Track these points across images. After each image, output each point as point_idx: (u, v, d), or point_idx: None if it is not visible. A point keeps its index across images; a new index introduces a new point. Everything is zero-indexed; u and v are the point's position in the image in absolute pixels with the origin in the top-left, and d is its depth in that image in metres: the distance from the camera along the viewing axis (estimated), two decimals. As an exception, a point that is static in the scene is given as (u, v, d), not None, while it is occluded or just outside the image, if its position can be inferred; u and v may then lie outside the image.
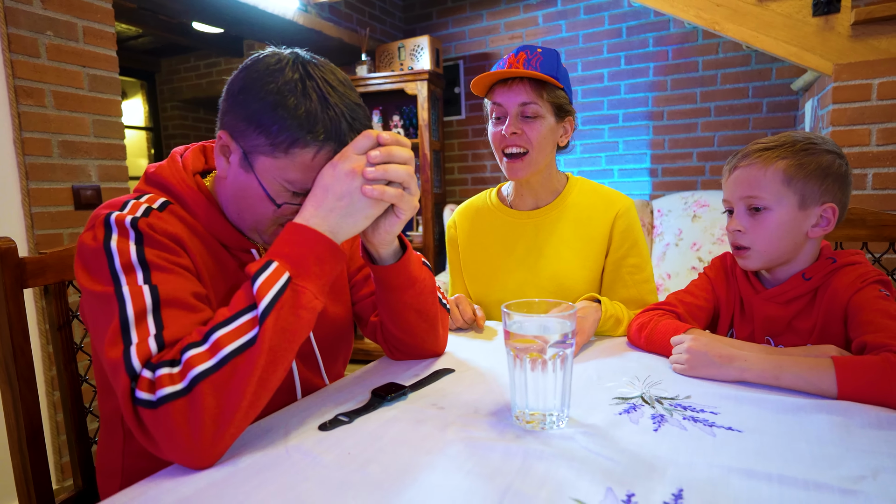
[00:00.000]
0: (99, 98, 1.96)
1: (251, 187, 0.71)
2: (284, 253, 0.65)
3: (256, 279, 0.62)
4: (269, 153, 0.68)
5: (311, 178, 0.69)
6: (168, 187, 0.76)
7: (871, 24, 1.87)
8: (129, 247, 0.65)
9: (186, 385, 0.56)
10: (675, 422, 0.64)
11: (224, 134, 0.72)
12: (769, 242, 0.86)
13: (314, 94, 0.67)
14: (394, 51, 3.35)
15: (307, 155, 0.68)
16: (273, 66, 0.68)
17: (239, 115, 0.69)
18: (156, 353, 0.60)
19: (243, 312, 0.61)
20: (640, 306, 1.12)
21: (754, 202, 0.87)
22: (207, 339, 0.59)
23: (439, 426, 0.65)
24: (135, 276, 0.64)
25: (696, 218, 2.76)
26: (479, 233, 1.27)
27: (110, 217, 0.67)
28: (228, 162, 0.73)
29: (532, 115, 1.11)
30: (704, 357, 0.77)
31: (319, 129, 0.67)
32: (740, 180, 0.89)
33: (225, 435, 0.57)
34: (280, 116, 0.66)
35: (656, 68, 3.04)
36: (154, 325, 0.61)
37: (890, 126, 1.86)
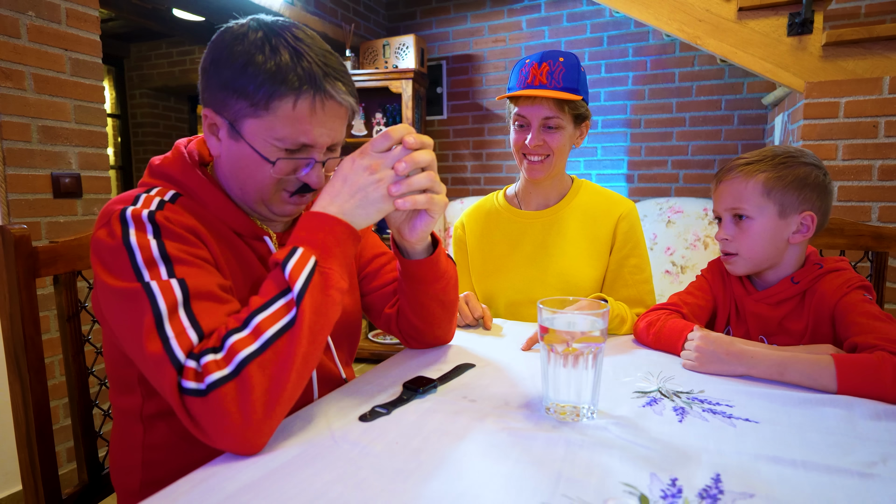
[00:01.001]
0: (81, 83, 1.90)
1: (245, 155, 0.72)
2: (307, 239, 0.67)
3: (286, 265, 0.64)
4: (252, 114, 0.69)
5: (298, 130, 0.70)
6: (176, 179, 0.76)
7: (840, 47, 1.99)
8: (149, 241, 0.65)
9: (234, 369, 0.57)
10: (696, 414, 0.69)
11: (208, 111, 0.73)
12: (753, 249, 0.93)
13: (282, 48, 0.68)
14: (378, 48, 3.35)
15: (287, 105, 0.68)
16: (237, 31, 0.70)
17: (215, 87, 0.70)
18: (197, 343, 0.60)
19: (278, 297, 0.63)
20: (640, 305, 1.18)
21: (738, 212, 0.95)
22: (248, 324, 0.61)
23: (476, 417, 0.68)
24: (159, 271, 0.63)
25: (670, 223, 2.87)
26: (487, 233, 1.31)
27: (126, 212, 0.67)
28: (219, 138, 0.74)
29: (554, 126, 1.17)
30: (714, 354, 0.82)
31: (293, 78, 0.67)
32: (725, 193, 0.96)
33: (273, 416, 0.59)
34: (253, 74, 0.67)
35: (635, 78, 3.14)
36: (188, 318, 0.61)
37: (855, 142, 1.99)
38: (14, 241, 0.82)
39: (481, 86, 3.54)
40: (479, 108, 3.55)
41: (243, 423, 0.56)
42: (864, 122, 1.98)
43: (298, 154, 0.73)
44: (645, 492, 0.51)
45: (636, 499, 0.50)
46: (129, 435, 0.78)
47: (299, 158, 0.73)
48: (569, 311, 0.69)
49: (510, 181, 3.52)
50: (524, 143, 1.18)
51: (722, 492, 0.51)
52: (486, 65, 3.50)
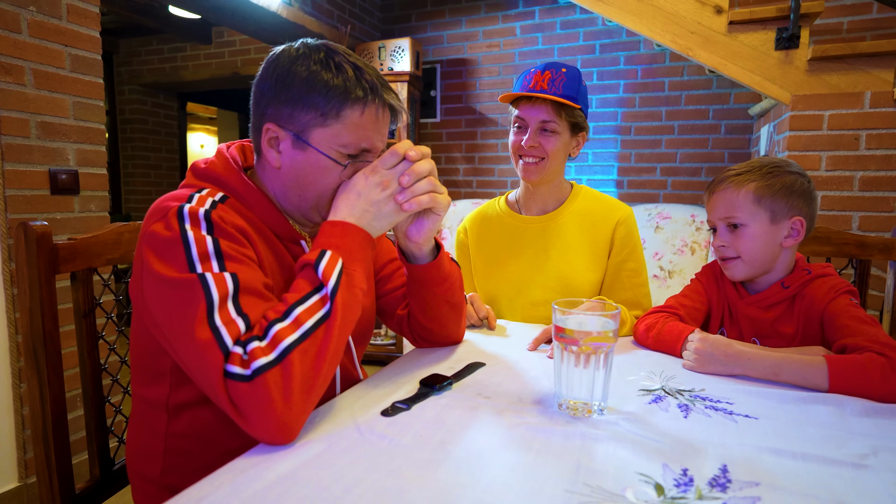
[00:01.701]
0: (80, 79, 1.89)
1: (311, 163, 0.78)
2: (333, 244, 0.73)
3: (319, 265, 0.70)
4: (321, 123, 0.76)
5: (361, 136, 0.78)
6: (223, 181, 0.80)
7: (824, 62, 2.07)
8: (205, 237, 0.69)
9: (278, 355, 0.61)
10: (699, 410, 0.73)
11: (272, 125, 0.78)
12: (751, 251, 0.98)
13: (345, 65, 0.77)
14: (374, 50, 3.37)
15: (356, 113, 0.76)
16: (297, 54, 0.77)
17: (282, 103, 0.77)
18: (244, 332, 0.64)
19: (314, 293, 0.68)
20: (637, 307, 1.22)
21: (732, 220, 1.00)
22: (289, 315, 0.65)
23: (493, 413, 0.71)
24: (211, 265, 0.67)
25: (658, 229, 2.93)
26: (489, 237, 1.35)
27: (183, 209, 0.71)
28: (279, 151, 0.80)
29: (550, 130, 1.22)
30: (712, 356, 0.87)
31: (360, 90, 0.76)
32: (718, 203, 1.02)
33: (308, 403, 0.63)
34: (322, 89, 0.75)
35: (626, 86, 3.21)
36: (236, 309, 0.65)
37: (837, 154, 2.07)
38: (36, 238, 0.83)
39: (475, 90, 3.58)
40: (473, 112, 3.59)
41: (284, 409, 0.60)
42: (846, 135, 2.06)
43: (357, 159, 0.80)
44: (659, 481, 0.55)
45: (652, 487, 0.53)
46: (153, 423, 0.81)
47: (361, 162, 0.80)
48: (582, 312, 0.73)
49: (502, 185, 3.57)
50: (520, 143, 1.23)
51: (730, 481, 0.55)
52: (480, 69, 3.55)
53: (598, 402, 0.72)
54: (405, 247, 0.90)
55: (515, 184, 3.51)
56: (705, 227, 2.84)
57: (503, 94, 1.22)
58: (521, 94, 1.22)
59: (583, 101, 1.22)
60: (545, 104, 1.20)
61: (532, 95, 1.20)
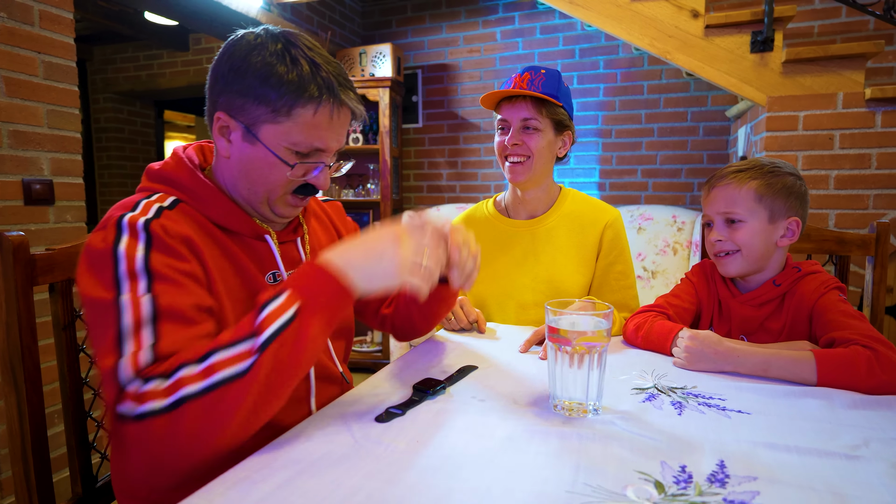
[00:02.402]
0: (54, 87, 1.85)
1: (259, 157, 0.75)
2: (301, 285, 0.65)
3: (265, 308, 0.62)
4: (272, 120, 0.73)
5: (314, 136, 0.74)
6: (177, 182, 0.77)
7: (798, 64, 2.12)
8: (137, 252, 0.65)
9: (171, 403, 0.56)
10: (692, 407, 0.73)
11: (222, 114, 0.75)
12: (750, 247, 0.99)
13: (301, 59, 0.72)
14: (355, 56, 3.36)
15: (308, 113, 0.72)
16: (255, 42, 0.73)
17: (234, 93, 0.73)
18: (148, 364, 0.59)
19: (244, 340, 0.60)
20: (625, 309, 1.23)
21: (731, 216, 1.00)
22: (203, 361, 0.59)
23: (489, 416, 0.70)
24: (136, 285, 0.63)
25: (640, 230, 2.97)
26: (478, 240, 1.34)
27: (123, 219, 0.68)
28: (230, 141, 0.77)
29: (533, 128, 1.22)
30: (703, 353, 0.87)
31: (314, 88, 0.72)
32: (718, 198, 1.02)
33: (191, 463, 0.58)
34: (276, 84, 0.71)
35: (606, 89, 3.25)
36: (149, 337, 0.61)
37: (812, 153, 2.12)
38: (13, 249, 0.80)
39: (456, 95, 3.59)
40: (455, 117, 3.60)
41: (163, 460, 0.56)
42: (821, 135, 2.11)
43: (310, 158, 0.77)
44: (658, 478, 0.55)
45: (652, 485, 0.53)
46: None
47: (311, 162, 0.77)
48: (575, 312, 0.73)
49: (485, 189, 3.58)
50: (504, 143, 1.23)
51: (728, 476, 0.55)
52: (461, 74, 3.56)
53: (593, 401, 0.72)
54: None
55: (499, 188, 3.52)
56: (687, 228, 2.88)
57: (483, 95, 1.23)
58: (502, 96, 1.22)
59: (564, 99, 1.23)
60: (525, 102, 1.21)
61: (512, 94, 1.21)
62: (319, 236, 0.97)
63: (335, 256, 0.67)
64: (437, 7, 3.56)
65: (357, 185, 3.57)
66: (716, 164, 3.03)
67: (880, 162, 2.05)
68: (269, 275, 0.83)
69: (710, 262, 1.11)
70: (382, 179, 3.29)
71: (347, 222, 1.05)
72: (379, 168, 3.35)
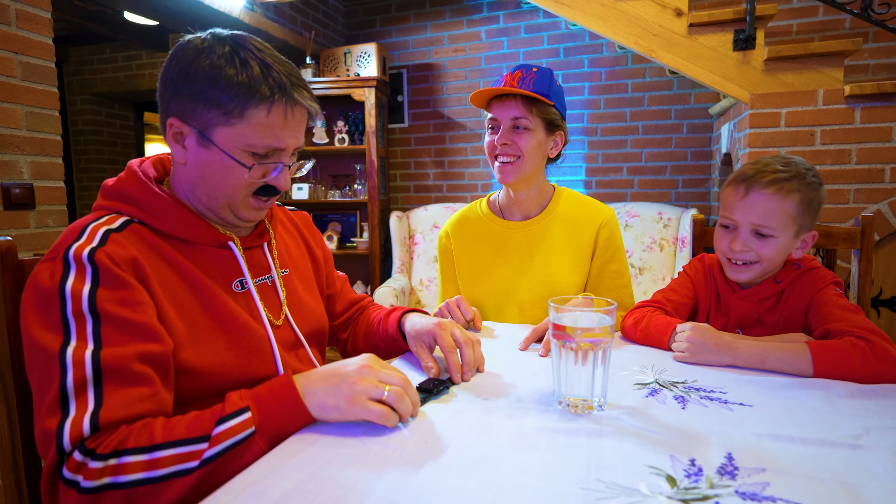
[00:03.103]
0: (33, 88, 1.80)
1: (215, 161, 0.74)
2: (264, 405, 0.64)
3: (223, 423, 0.61)
4: (225, 122, 0.72)
5: (270, 135, 0.74)
6: (130, 198, 0.76)
7: (779, 61, 2.16)
8: (83, 290, 0.64)
9: (113, 483, 0.56)
10: (695, 401, 0.74)
11: (174, 120, 0.74)
12: (771, 261, 0.98)
13: (251, 61, 0.72)
14: (339, 56, 3.34)
15: (261, 113, 0.72)
16: (202, 46, 0.73)
17: (184, 98, 0.73)
18: (89, 434, 0.58)
19: (195, 441, 0.60)
20: (620, 308, 1.24)
21: (763, 230, 0.96)
22: (150, 452, 0.58)
23: (495, 414, 0.70)
24: (83, 329, 0.63)
25: (627, 227, 3.00)
26: (472, 241, 1.34)
27: (69, 252, 0.67)
28: (184, 147, 0.76)
29: (523, 127, 1.21)
30: (703, 345, 0.88)
31: (265, 88, 0.72)
32: (756, 207, 0.95)
33: None
34: (225, 86, 0.71)
35: (591, 88, 3.28)
36: (93, 400, 0.60)
37: (795, 149, 2.16)
38: (1, 254, 0.78)
39: (442, 94, 3.59)
40: (440, 117, 3.60)
41: None
42: (802, 131, 2.16)
43: (268, 159, 0.76)
44: (670, 472, 0.55)
45: (664, 479, 0.54)
46: None
47: (270, 163, 0.77)
48: (579, 309, 0.73)
49: (472, 188, 3.58)
50: (494, 143, 1.22)
51: (737, 468, 0.55)
52: (447, 74, 3.56)
53: (598, 398, 0.72)
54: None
55: (486, 187, 3.53)
56: (672, 224, 2.92)
57: (473, 93, 1.21)
58: (492, 94, 1.21)
59: (556, 99, 1.22)
60: (515, 100, 1.19)
61: (502, 93, 1.19)
62: (287, 242, 0.96)
63: (301, 377, 0.67)
64: (422, 6, 3.56)
65: (344, 185, 3.55)
66: (700, 161, 3.07)
67: (860, 157, 2.10)
68: (235, 282, 0.82)
69: (709, 257, 1.12)
70: (369, 180, 3.28)
71: (315, 232, 1.05)
72: (366, 168, 3.33)
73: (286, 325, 0.87)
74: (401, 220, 3.35)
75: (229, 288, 0.80)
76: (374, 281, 3.31)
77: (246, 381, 0.73)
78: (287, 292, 0.90)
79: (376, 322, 1.04)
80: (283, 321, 0.86)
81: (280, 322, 0.86)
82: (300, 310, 0.91)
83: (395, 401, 0.66)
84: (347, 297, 1.12)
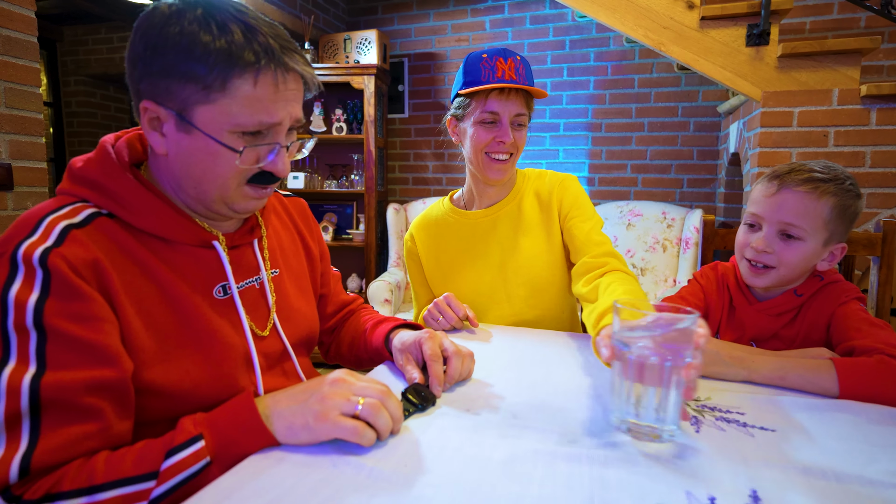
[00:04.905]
0: (12, 63, 1.71)
1: (200, 148, 0.64)
2: (221, 431, 0.56)
3: (173, 455, 0.53)
4: (205, 99, 0.62)
5: (260, 110, 0.63)
6: (100, 185, 0.65)
7: (794, 59, 2.08)
8: (30, 299, 0.55)
9: None
10: (710, 423, 0.66)
11: (148, 103, 0.64)
12: (792, 269, 0.90)
13: (231, 24, 0.62)
14: (339, 42, 3.24)
15: (246, 84, 0.62)
16: (170, 12, 0.62)
17: (156, 75, 0.62)
18: (16, 480, 0.50)
19: (141, 480, 0.52)
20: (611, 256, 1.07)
21: (791, 230, 0.88)
22: (90, 496, 0.50)
23: (486, 433, 0.62)
24: (25, 346, 0.54)
25: (630, 226, 2.92)
26: (438, 240, 1.26)
27: (18, 251, 0.57)
28: (163, 134, 0.65)
29: (522, 124, 1.14)
30: (715, 356, 0.80)
31: (249, 54, 0.61)
32: (787, 205, 0.88)
33: None
34: (201, 55, 0.60)
35: (596, 82, 3.19)
36: (27, 438, 0.51)
37: (807, 150, 2.08)
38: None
39: (444, 84, 3.49)
40: (442, 108, 3.51)
41: None
42: (815, 132, 2.07)
43: (261, 139, 0.66)
44: (686, 513, 0.47)
45: (679, 521, 0.46)
46: None
47: (263, 144, 0.66)
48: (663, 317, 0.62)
49: (472, 182, 3.50)
50: (493, 140, 1.11)
51: (764, 510, 0.48)
52: (449, 64, 3.47)
53: (671, 427, 0.61)
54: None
55: (486, 181, 3.44)
56: (677, 225, 2.84)
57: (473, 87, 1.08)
58: (494, 86, 1.09)
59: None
60: (519, 96, 1.10)
61: (506, 87, 1.08)
62: (280, 236, 0.86)
63: (266, 398, 0.59)
64: (425, -7, 3.46)
65: (341, 175, 3.46)
66: (706, 161, 2.99)
67: (874, 160, 2.02)
68: (217, 287, 0.72)
69: (723, 266, 1.04)
70: (367, 170, 3.19)
71: (312, 224, 0.95)
72: (363, 158, 3.25)
73: (273, 334, 0.78)
74: (398, 213, 3.27)
75: (210, 294, 0.70)
76: (369, 274, 3.23)
77: (221, 403, 0.63)
78: (277, 297, 0.80)
79: (363, 331, 0.96)
80: (269, 331, 0.77)
81: (266, 332, 0.76)
82: (290, 315, 0.82)
83: (370, 415, 0.57)
84: (339, 297, 1.03)
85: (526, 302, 1.18)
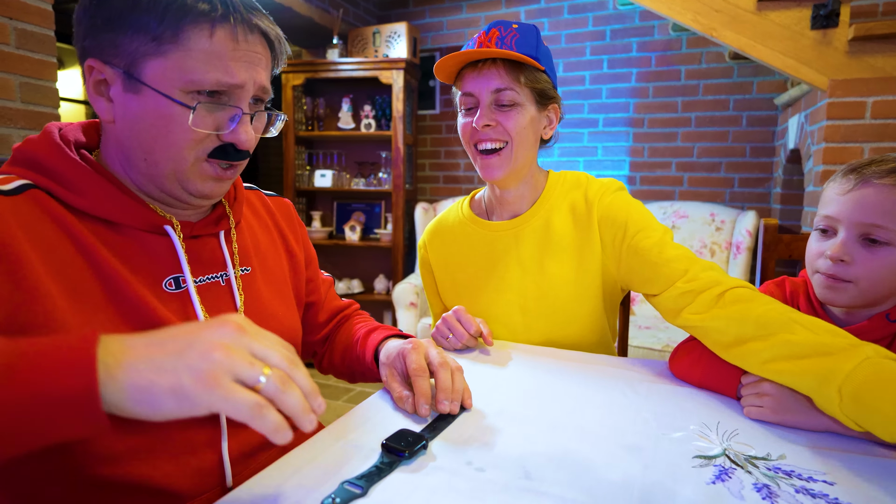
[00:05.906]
0: (28, 57, 1.67)
1: (150, 111, 0.57)
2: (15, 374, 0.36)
3: None
4: (156, 51, 0.56)
5: (217, 67, 0.57)
6: (39, 164, 0.58)
7: (868, 42, 1.84)
8: None
9: None
10: (786, 495, 0.50)
11: (93, 61, 0.57)
12: (877, 283, 0.72)
13: None
14: (368, 36, 3.15)
15: (202, 35, 0.56)
16: None
17: (101, 28, 0.57)
18: None
19: None
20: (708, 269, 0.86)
21: (876, 233, 0.72)
22: None
23: (488, 498, 0.48)
24: None
25: (675, 228, 2.70)
26: (453, 251, 1.08)
27: None
28: (110, 99, 0.59)
29: (508, 102, 0.91)
30: (790, 399, 0.64)
31: (203, 3, 0.56)
32: (867, 203, 0.72)
33: None
34: (151, 4, 0.55)
35: (639, 74, 2.98)
36: None
37: (882, 146, 1.84)
38: None
39: (476, 80, 3.35)
40: (474, 104, 3.36)
41: None
42: (892, 125, 1.83)
43: (220, 100, 0.59)
44: None
45: None
46: None
47: (221, 105, 0.58)
48: None
49: (505, 181, 3.34)
50: (472, 127, 0.93)
51: None
52: (482, 58, 3.32)
53: None
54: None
55: (519, 180, 3.28)
56: (726, 227, 2.60)
57: (437, 63, 0.90)
58: (463, 62, 0.91)
59: (546, 62, 0.93)
60: (496, 67, 0.90)
61: (477, 57, 0.89)
62: (256, 233, 0.76)
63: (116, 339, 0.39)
64: (458, -16, 3.32)
65: (369, 173, 3.37)
66: (760, 158, 2.74)
67: (963, 156, 1.76)
68: (168, 280, 0.62)
69: (792, 282, 0.86)
70: (395, 168, 3.08)
71: (297, 226, 0.85)
72: (391, 156, 3.14)
73: None
74: (426, 212, 3.15)
75: (158, 286, 0.61)
76: (395, 275, 3.12)
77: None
78: (246, 297, 0.71)
79: (355, 341, 0.84)
80: None
81: None
82: (262, 319, 0.70)
83: (276, 392, 0.40)
84: (332, 304, 0.93)
85: (546, 337, 1.00)
